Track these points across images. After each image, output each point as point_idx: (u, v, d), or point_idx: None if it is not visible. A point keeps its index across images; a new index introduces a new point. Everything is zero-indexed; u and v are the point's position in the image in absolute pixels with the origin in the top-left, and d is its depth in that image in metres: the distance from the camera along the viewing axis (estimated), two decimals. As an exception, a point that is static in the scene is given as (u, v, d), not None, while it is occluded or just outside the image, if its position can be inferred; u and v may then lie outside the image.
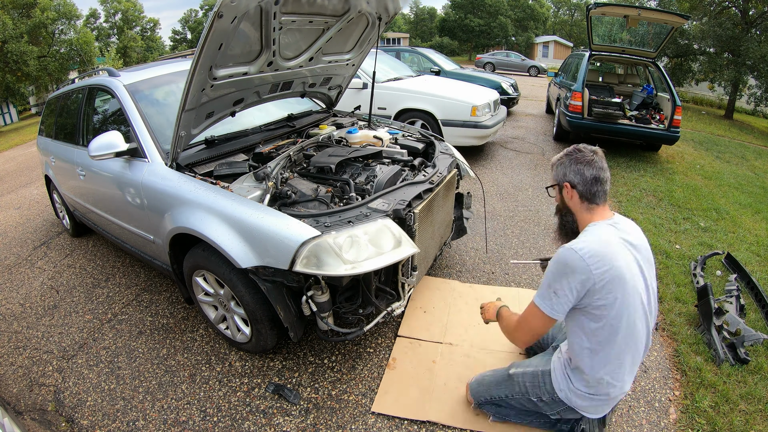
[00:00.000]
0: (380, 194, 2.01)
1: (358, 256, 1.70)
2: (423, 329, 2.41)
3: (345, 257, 1.67)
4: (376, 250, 1.74)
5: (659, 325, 2.51)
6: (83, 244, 3.77)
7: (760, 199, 4.92)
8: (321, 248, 1.66)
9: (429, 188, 2.17)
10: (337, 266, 1.65)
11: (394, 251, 1.77)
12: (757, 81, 11.99)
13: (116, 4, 33.37)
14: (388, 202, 1.95)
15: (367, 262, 1.70)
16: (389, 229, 1.82)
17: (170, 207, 2.10)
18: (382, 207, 1.92)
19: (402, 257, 1.78)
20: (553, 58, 36.04)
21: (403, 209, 1.92)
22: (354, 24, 2.59)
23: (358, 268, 1.67)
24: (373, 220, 1.82)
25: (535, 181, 4.90)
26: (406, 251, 1.79)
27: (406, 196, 2.02)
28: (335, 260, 1.65)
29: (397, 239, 1.80)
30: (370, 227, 1.79)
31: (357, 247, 1.72)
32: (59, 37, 21.59)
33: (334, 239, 1.70)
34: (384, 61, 5.98)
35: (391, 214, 1.89)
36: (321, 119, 3.20)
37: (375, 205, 1.93)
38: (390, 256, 1.75)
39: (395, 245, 1.78)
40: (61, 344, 2.52)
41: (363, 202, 1.95)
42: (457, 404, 1.94)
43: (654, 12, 6.20)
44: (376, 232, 1.79)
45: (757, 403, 1.96)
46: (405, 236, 1.84)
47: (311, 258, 1.65)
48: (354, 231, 1.75)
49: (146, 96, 2.55)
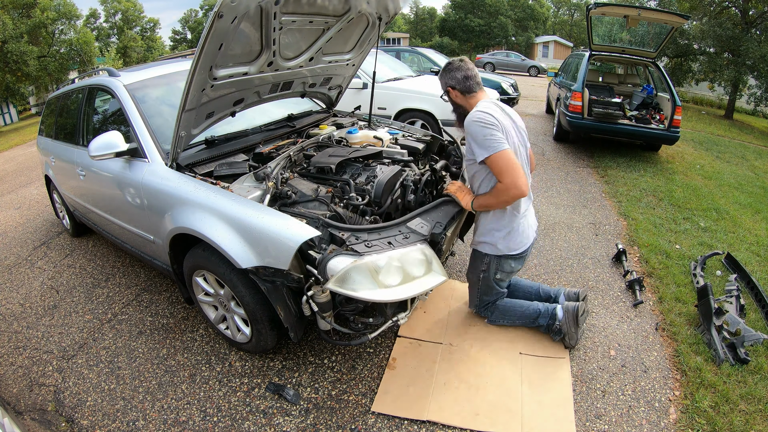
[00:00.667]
0: (419, 212, 1.99)
1: (390, 281, 1.68)
2: (423, 329, 2.41)
3: (381, 281, 1.65)
4: (407, 273, 1.72)
5: (659, 324, 2.52)
6: (83, 244, 3.77)
7: (760, 199, 4.92)
8: (359, 270, 1.64)
9: (461, 209, 2.15)
10: (371, 289, 1.63)
11: (425, 279, 1.75)
12: (757, 81, 11.97)
13: (116, 4, 33.35)
14: (426, 224, 1.92)
15: (399, 288, 1.67)
16: (423, 254, 1.79)
17: (170, 207, 2.10)
18: (421, 230, 1.88)
19: (433, 286, 1.76)
20: (553, 58, 36.03)
21: (440, 233, 1.88)
22: (354, 24, 2.58)
23: (391, 295, 1.65)
24: (412, 244, 1.79)
25: (535, 181, 4.90)
26: (437, 280, 1.77)
27: (442, 218, 1.99)
28: (371, 283, 1.63)
29: (428, 264, 1.78)
30: (408, 253, 1.75)
31: (391, 271, 1.69)
32: (59, 37, 21.58)
33: (375, 262, 1.66)
34: (384, 61, 5.97)
35: (429, 237, 1.86)
36: (321, 119, 3.20)
37: (413, 226, 1.89)
38: (421, 284, 1.73)
39: (426, 271, 1.76)
40: (61, 344, 2.52)
41: (401, 220, 1.91)
42: (458, 404, 1.94)
43: (654, 12, 6.20)
44: (411, 256, 1.76)
45: (757, 403, 1.96)
46: (436, 261, 1.82)
47: (348, 278, 1.62)
48: (393, 254, 1.72)
49: (146, 96, 2.55)
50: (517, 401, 1.96)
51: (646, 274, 3.04)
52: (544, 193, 4.58)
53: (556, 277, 3.01)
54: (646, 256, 3.27)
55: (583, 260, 3.24)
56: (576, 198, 4.47)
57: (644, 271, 3.09)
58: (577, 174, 5.25)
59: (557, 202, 4.33)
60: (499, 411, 1.91)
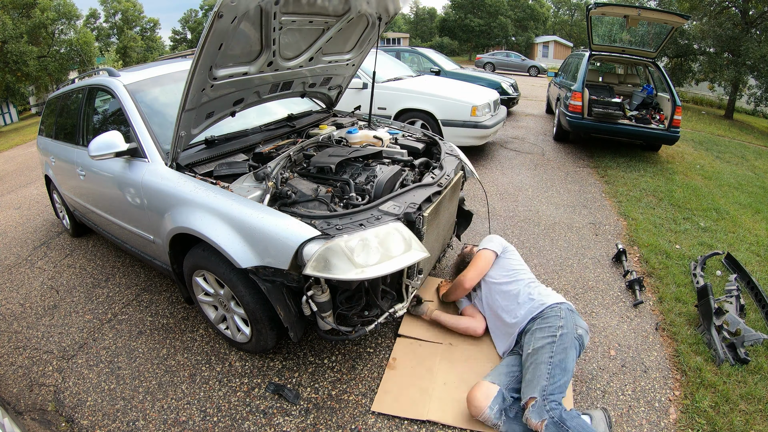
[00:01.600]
0: (391, 197, 2.00)
1: (368, 260, 1.68)
2: (423, 329, 2.41)
3: (356, 261, 1.65)
4: (386, 254, 1.72)
5: (659, 324, 2.52)
6: (83, 244, 3.77)
7: (760, 199, 4.92)
8: (332, 251, 1.64)
9: (438, 191, 2.16)
10: (347, 270, 1.63)
11: (404, 255, 1.75)
12: (757, 81, 11.98)
13: (116, 4, 33.36)
14: (399, 205, 1.94)
15: (377, 266, 1.68)
16: (400, 233, 1.80)
17: (170, 207, 2.10)
18: (394, 210, 1.90)
19: (412, 262, 1.76)
20: (553, 58, 36.03)
21: (414, 212, 1.90)
22: (354, 24, 2.58)
23: (368, 273, 1.65)
24: (385, 224, 1.80)
25: (535, 181, 4.90)
26: (416, 256, 1.78)
27: (416, 199, 2.01)
28: (346, 264, 1.64)
29: (407, 243, 1.78)
30: (381, 231, 1.77)
31: (367, 251, 1.70)
32: (59, 37, 21.59)
33: (346, 243, 1.67)
34: (384, 61, 5.97)
35: (402, 217, 1.87)
36: (321, 119, 3.20)
37: (386, 208, 1.91)
38: (400, 261, 1.73)
39: (405, 249, 1.77)
40: (61, 344, 2.52)
41: (374, 204, 1.93)
42: (458, 404, 1.94)
43: (654, 12, 6.19)
44: (387, 235, 1.77)
45: (757, 403, 1.96)
46: (415, 240, 1.82)
47: (321, 261, 1.63)
48: (365, 234, 1.73)
49: (146, 96, 2.55)
50: None
51: (646, 274, 3.04)
52: (544, 193, 4.58)
53: (556, 277, 3.01)
54: (646, 256, 3.27)
55: (583, 260, 3.24)
56: (576, 198, 4.47)
57: (644, 271, 3.09)
58: (577, 174, 5.25)
59: (557, 202, 4.33)
60: None
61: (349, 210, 1.88)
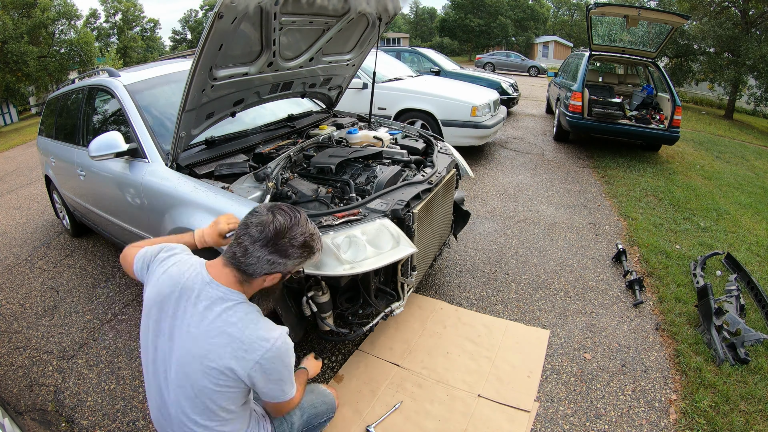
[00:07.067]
0: (379, 194, 2.01)
1: (356, 257, 1.70)
2: (386, 347, 2.30)
3: (343, 257, 1.67)
4: (375, 250, 1.74)
5: (659, 324, 2.52)
6: (83, 244, 3.77)
7: (760, 199, 4.92)
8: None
9: (428, 188, 2.16)
10: (335, 266, 1.65)
11: (392, 251, 1.77)
12: (757, 81, 11.99)
13: (116, 4, 33.39)
14: (387, 203, 1.95)
15: (365, 262, 1.70)
16: (387, 229, 1.81)
17: (170, 207, 2.10)
18: (381, 207, 1.92)
19: (400, 257, 1.78)
20: (553, 58, 36.04)
21: (402, 209, 1.91)
22: (354, 24, 2.58)
23: (356, 268, 1.67)
24: (372, 221, 1.82)
25: (535, 181, 4.90)
26: (405, 251, 1.79)
27: (404, 196, 2.02)
28: (333, 260, 1.65)
29: (395, 239, 1.80)
30: (369, 227, 1.79)
31: (355, 248, 1.72)
32: (59, 37, 21.59)
33: (332, 239, 1.70)
34: (384, 61, 5.97)
35: (390, 214, 1.89)
36: (321, 119, 3.20)
37: (373, 206, 1.93)
38: (388, 256, 1.75)
39: (394, 245, 1.78)
40: (61, 344, 2.52)
41: (361, 202, 1.94)
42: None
43: (654, 12, 6.20)
44: (375, 232, 1.79)
45: (757, 403, 1.96)
46: (403, 236, 1.84)
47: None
48: (352, 231, 1.75)
49: (146, 96, 2.55)
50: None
51: (646, 274, 3.04)
52: (544, 193, 4.58)
53: (556, 277, 3.01)
54: (646, 256, 3.27)
55: (583, 260, 3.24)
56: (576, 198, 4.47)
57: (644, 271, 3.09)
58: (577, 174, 5.25)
59: (557, 202, 4.33)
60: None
61: (336, 208, 1.90)
